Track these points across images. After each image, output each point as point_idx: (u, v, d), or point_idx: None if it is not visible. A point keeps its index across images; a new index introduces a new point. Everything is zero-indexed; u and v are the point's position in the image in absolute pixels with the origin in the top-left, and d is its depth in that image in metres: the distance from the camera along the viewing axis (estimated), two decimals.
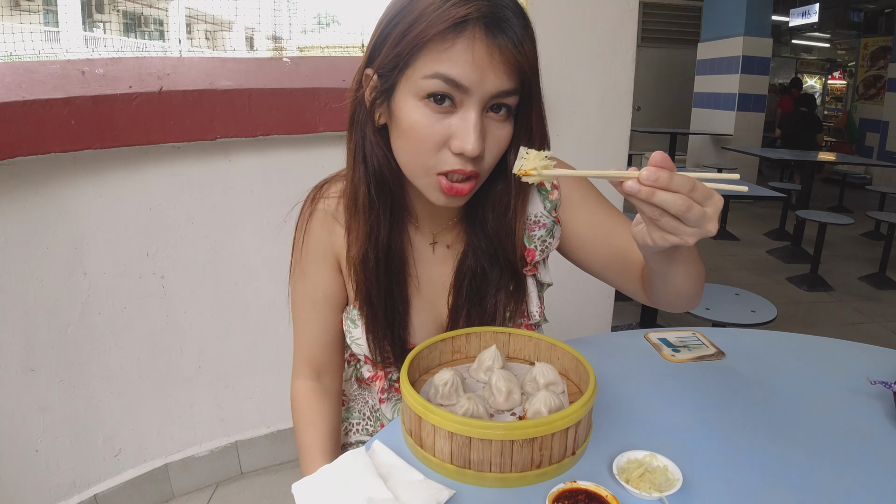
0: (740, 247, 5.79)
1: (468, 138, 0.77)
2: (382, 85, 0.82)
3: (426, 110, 0.78)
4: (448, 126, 0.79)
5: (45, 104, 1.53)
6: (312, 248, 1.00)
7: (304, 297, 1.02)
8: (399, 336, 0.99)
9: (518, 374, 0.91)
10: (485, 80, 0.76)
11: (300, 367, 1.07)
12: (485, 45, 0.75)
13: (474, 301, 1.00)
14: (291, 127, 1.86)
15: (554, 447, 0.73)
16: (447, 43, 0.75)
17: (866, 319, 4.04)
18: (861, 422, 0.90)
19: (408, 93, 0.79)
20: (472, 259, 0.98)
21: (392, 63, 0.79)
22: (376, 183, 0.89)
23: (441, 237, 1.02)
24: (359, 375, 1.15)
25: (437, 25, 0.74)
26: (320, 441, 1.02)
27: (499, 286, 1.00)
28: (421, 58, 0.76)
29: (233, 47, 2.67)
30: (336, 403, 1.09)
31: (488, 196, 0.94)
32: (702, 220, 0.65)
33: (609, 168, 0.68)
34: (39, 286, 1.69)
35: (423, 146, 0.80)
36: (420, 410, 0.74)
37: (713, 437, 0.84)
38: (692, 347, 1.14)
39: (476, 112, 0.78)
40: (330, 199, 0.99)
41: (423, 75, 0.77)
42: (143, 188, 1.79)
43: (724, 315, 2.42)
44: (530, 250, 1.02)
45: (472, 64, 0.75)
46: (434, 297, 1.02)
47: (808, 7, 10.13)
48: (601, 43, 2.12)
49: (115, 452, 1.95)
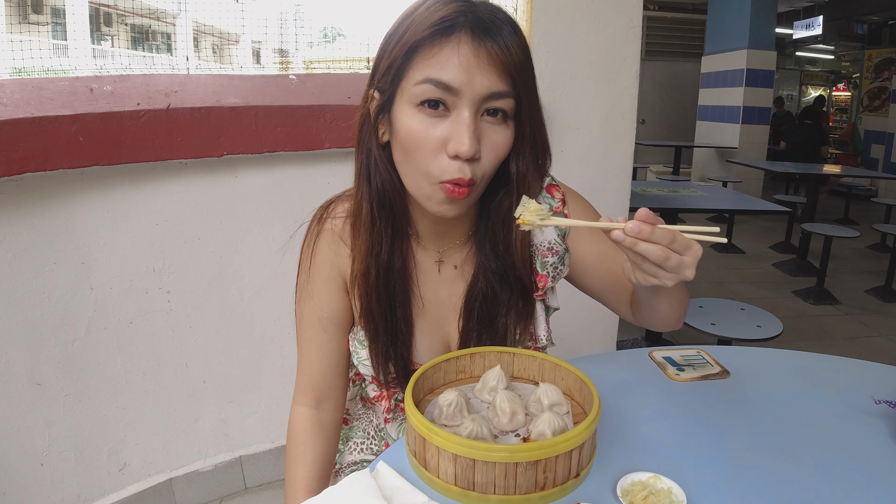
0: (746, 260, 5.78)
1: (462, 139, 0.78)
2: (382, 99, 0.85)
3: (421, 116, 0.80)
4: (443, 130, 0.80)
5: (54, 121, 1.55)
6: (319, 267, 1.00)
7: (310, 317, 1.02)
8: (403, 356, 0.99)
9: (522, 394, 0.91)
10: (473, 80, 0.78)
11: (302, 392, 1.06)
12: (470, 47, 0.78)
13: (485, 322, 1.00)
14: (297, 143, 1.87)
15: (558, 469, 0.73)
16: (434, 49, 0.78)
17: (873, 333, 4.02)
18: (866, 442, 0.90)
19: (404, 102, 0.82)
20: (482, 281, 0.98)
21: (388, 76, 0.83)
22: (378, 200, 0.91)
23: (448, 256, 1.02)
24: (364, 395, 1.16)
25: (423, 32, 0.78)
26: (307, 480, 1.02)
27: (509, 306, 1.00)
28: (412, 67, 0.80)
29: (240, 63, 2.69)
30: (332, 438, 1.08)
31: (497, 211, 0.95)
32: (680, 267, 0.73)
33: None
34: (46, 301, 1.70)
35: (421, 152, 0.82)
36: (424, 432, 0.74)
37: (717, 458, 0.84)
38: (697, 366, 1.14)
39: (468, 113, 0.79)
40: (337, 218, 1.00)
41: (414, 82, 0.80)
42: (150, 204, 1.80)
43: (729, 330, 2.41)
44: (542, 276, 1.02)
45: (460, 66, 0.77)
46: (441, 319, 1.02)
47: (811, 19, 10.16)
48: (605, 60, 2.13)
49: (119, 467, 1.95)
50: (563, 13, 2.04)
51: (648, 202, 3.34)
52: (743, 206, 3.44)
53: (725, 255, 5.90)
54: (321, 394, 1.06)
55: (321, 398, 1.06)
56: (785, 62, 12.68)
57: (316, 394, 1.05)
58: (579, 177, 2.21)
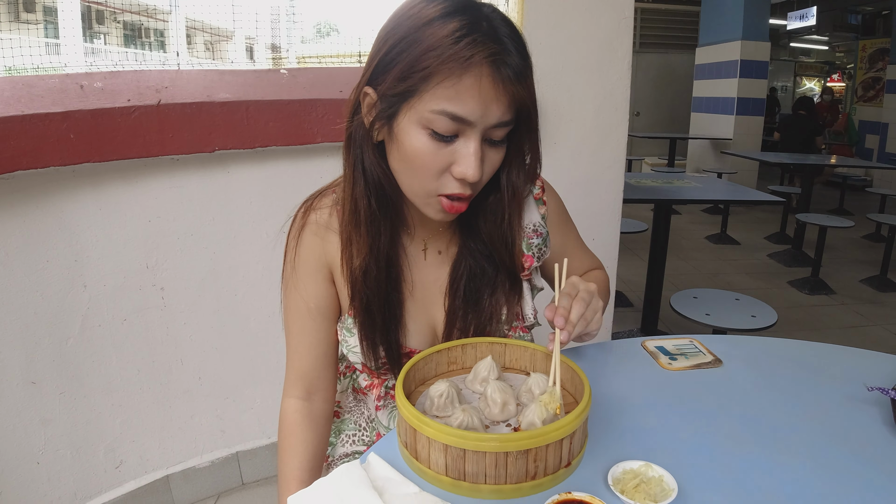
0: (741, 251, 5.79)
1: (470, 166, 0.81)
2: (385, 109, 0.83)
3: (428, 140, 0.81)
4: (450, 153, 0.82)
5: (44, 118, 1.54)
6: (305, 259, 1.00)
7: (297, 309, 1.03)
8: (395, 341, 1.00)
9: (514, 384, 0.91)
10: (487, 113, 0.79)
11: (292, 384, 1.06)
12: (491, 82, 0.78)
13: (471, 302, 1.01)
14: (290, 138, 1.87)
15: (549, 459, 0.73)
16: (454, 79, 0.77)
17: (868, 322, 4.04)
18: (859, 429, 0.90)
19: (412, 121, 0.81)
20: (469, 259, 1.01)
21: (397, 90, 0.80)
22: (377, 196, 0.92)
23: (431, 243, 1.04)
24: (356, 385, 1.16)
25: (447, 64, 0.76)
26: (299, 471, 1.03)
27: (495, 285, 1.02)
28: (428, 92, 0.78)
29: (231, 59, 2.68)
30: (323, 429, 1.09)
31: (480, 207, 0.98)
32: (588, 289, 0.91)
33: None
34: (40, 299, 1.69)
35: (426, 172, 0.83)
36: (415, 423, 0.74)
37: (709, 446, 0.85)
38: (689, 355, 1.14)
39: (477, 142, 0.81)
40: (322, 210, 1.01)
41: (429, 109, 0.79)
42: (142, 201, 1.80)
43: (724, 320, 2.42)
44: (528, 256, 1.06)
45: (479, 99, 0.78)
46: (428, 301, 1.04)
47: (805, 10, 10.16)
48: (597, 51, 2.13)
49: (116, 464, 1.95)
50: (555, 5, 2.03)
51: (643, 194, 3.34)
52: (738, 196, 3.44)
53: (720, 246, 5.92)
54: (311, 385, 1.06)
55: (311, 389, 1.06)
56: (779, 53, 12.68)
57: (306, 385, 1.06)
58: (572, 169, 2.21)
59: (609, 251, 2.38)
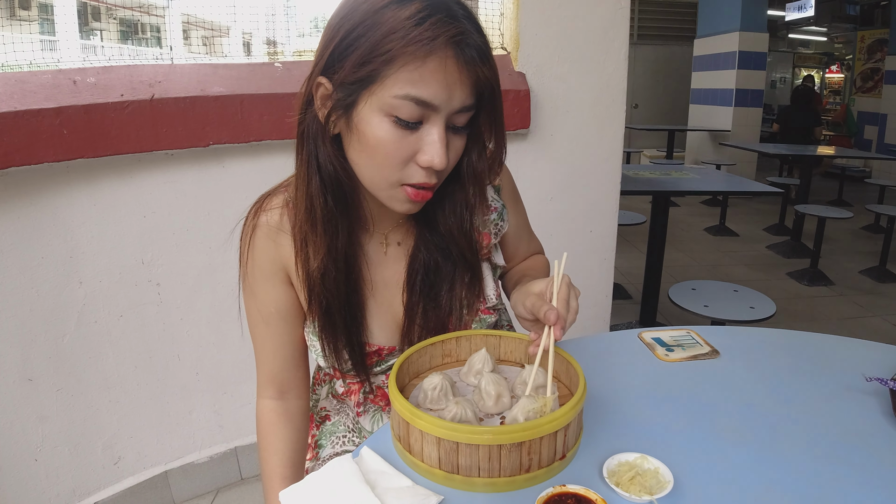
0: (740, 242, 5.78)
1: (436, 153, 0.79)
2: (342, 98, 0.80)
3: (392, 127, 0.78)
4: (415, 141, 0.80)
5: (37, 114, 1.53)
6: (259, 264, 0.97)
7: (257, 315, 1.00)
8: (358, 342, 0.98)
9: (508, 377, 0.90)
10: (452, 97, 0.78)
11: (264, 386, 1.05)
12: (455, 63, 0.76)
13: (429, 297, 0.99)
14: (284, 131, 1.86)
15: (543, 451, 0.73)
16: (418, 62, 0.74)
17: (867, 313, 4.03)
18: (857, 420, 0.89)
19: (373, 108, 0.78)
20: (424, 253, 0.99)
21: (355, 78, 0.77)
22: (333, 192, 0.88)
23: (391, 236, 1.02)
24: (333, 392, 1.15)
25: (409, 47, 0.73)
26: (281, 468, 1.02)
27: (453, 280, 1.00)
28: (390, 77, 0.75)
29: (228, 53, 2.67)
30: (300, 425, 1.08)
31: (438, 196, 0.94)
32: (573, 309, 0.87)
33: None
34: (35, 296, 1.69)
35: (390, 162, 0.81)
36: (407, 416, 0.74)
37: (705, 437, 0.84)
38: (686, 346, 1.14)
39: (442, 128, 0.79)
40: (272, 210, 0.96)
41: (392, 94, 0.76)
42: (136, 196, 1.79)
43: (722, 312, 2.41)
44: (485, 234, 1.04)
45: (444, 82, 0.76)
46: (389, 297, 1.01)
47: (803, 1, 10.12)
48: (594, 42, 2.12)
49: (114, 460, 1.95)
50: None
51: (642, 186, 3.33)
52: (736, 187, 3.43)
53: (719, 237, 5.91)
54: (283, 385, 1.05)
55: (283, 389, 1.05)
56: (778, 44, 12.65)
57: (277, 386, 1.05)
58: (569, 160, 2.20)
59: (607, 243, 2.37)
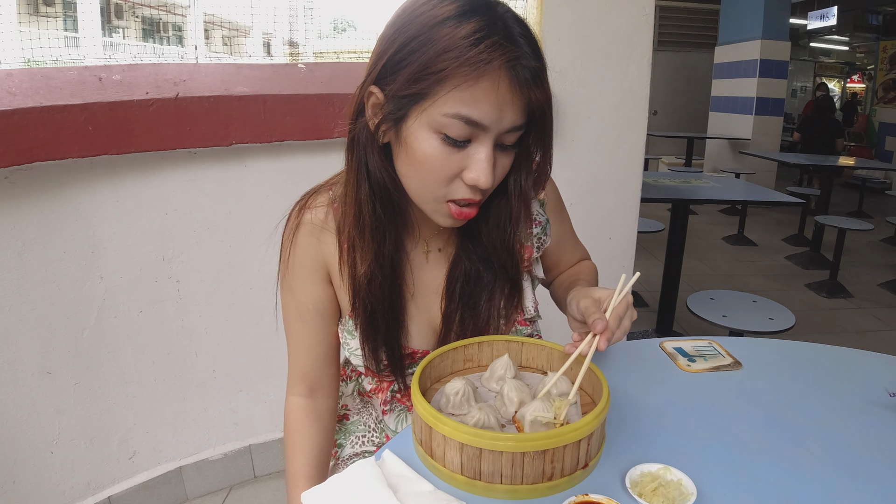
0: (758, 252, 5.73)
1: (483, 172, 0.79)
2: (393, 111, 0.79)
3: (440, 144, 0.78)
4: (462, 159, 0.79)
5: (63, 110, 1.54)
6: (300, 260, 0.98)
7: (294, 311, 1.01)
8: (397, 344, 0.99)
9: (530, 383, 0.90)
10: (503, 118, 0.77)
11: (294, 383, 1.06)
12: (508, 85, 0.75)
13: (467, 305, 0.99)
14: (306, 132, 1.86)
15: (566, 460, 0.72)
16: (471, 82, 0.73)
17: (886, 327, 3.98)
18: (880, 435, 0.88)
19: (423, 124, 0.78)
20: (465, 261, 0.99)
21: (408, 92, 0.77)
22: (382, 200, 0.88)
23: (433, 242, 1.02)
24: (361, 389, 1.15)
25: (462, 67, 0.73)
26: (306, 467, 1.02)
27: (493, 290, 0.99)
28: (441, 95, 0.75)
29: (249, 53, 2.68)
30: (328, 425, 1.08)
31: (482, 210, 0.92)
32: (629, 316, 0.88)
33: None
34: (56, 290, 1.70)
35: (436, 178, 0.81)
36: (430, 420, 0.73)
37: (728, 450, 0.83)
38: (708, 357, 1.13)
39: (490, 147, 0.79)
40: (317, 208, 0.97)
41: (442, 113, 0.75)
42: (159, 193, 1.80)
43: (741, 322, 2.39)
44: (528, 247, 1.04)
45: (495, 103, 0.75)
46: (428, 302, 1.02)
47: (826, 10, 10.04)
48: (617, 48, 2.11)
49: (129, 455, 1.96)
50: (575, 0, 2.02)
51: (660, 193, 3.31)
52: (756, 197, 3.40)
53: (738, 247, 5.87)
54: (313, 383, 1.06)
55: (314, 387, 1.06)
56: (799, 53, 12.55)
57: (308, 384, 1.05)
58: (590, 167, 2.19)
59: (626, 250, 2.36)
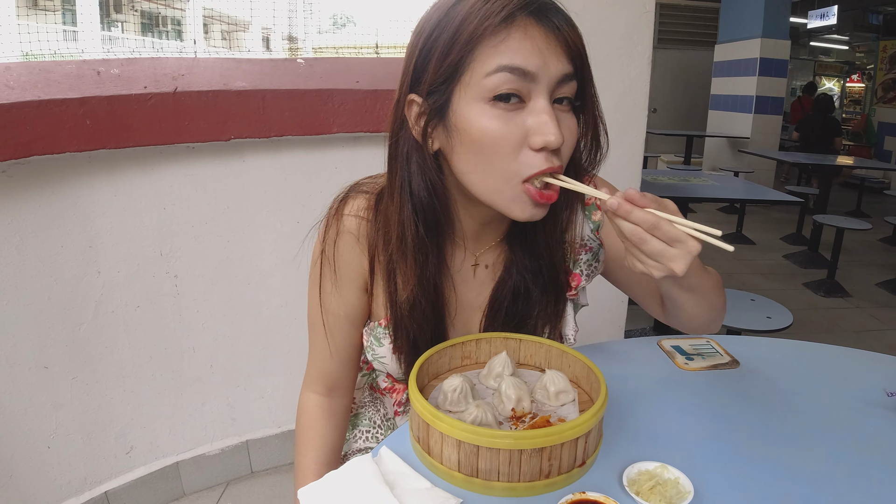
0: (757, 251, 5.74)
1: (548, 128, 0.73)
2: (434, 104, 0.78)
3: (495, 111, 0.74)
4: (522, 123, 0.75)
5: (61, 104, 1.54)
6: (341, 266, 0.94)
7: (326, 313, 0.99)
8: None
9: (528, 381, 0.90)
10: (548, 63, 0.74)
11: (313, 380, 1.05)
12: (539, 30, 0.73)
13: (509, 325, 0.97)
14: (305, 128, 1.86)
15: (563, 457, 0.72)
16: (501, 35, 0.72)
17: (884, 326, 3.99)
18: (878, 434, 0.88)
19: (470, 99, 0.75)
20: (515, 278, 0.94)
21: (444, 75, 0.75)
22: (425, 219, 0.85)
23: (483, 258, 0.98)
24: (374, 385, 1.15)
25: (487, 21, 0.72)
26: (316, 464, 1.02)
27: (540, 306, 0.97)
28: (476, 59, 0.73)
29: (248, 48, 2.68)
30: (341, 423, 1.08)
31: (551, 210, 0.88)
32: (661, 256, 0.71)
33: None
34: (54, 284, 1.70)
35: (502, 150, 0.76)
36: (428, 417, 0.73)
37: (726, 448, 0.83)
38: (706, 356, 1.13)
39: (547, 101, 0.75)
40: (355, 217, 0.93)
41: (484, 73, 0.73)
42: (157, 188, 1.80)
43: (739, 321, 2.39)
44: (576, 275, 0.99)
45: (534, 48, 0.73)
46: (466, 319, 1.00)
47: (826, 9, 10.04)
48: (617, 46, 2.11)
49: (126, 450, 1.96)
50: None
51: (659, 191, 3.31)
52: (754, 195, 3.41)
53: (736, 245, 5.86)
54: (333, 384, 1.05)
55: (332, 387, 1.05)
56: (799, 52, 12.55)
57: (327, 384, 1.05)
58: None
59: None
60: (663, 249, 0.71)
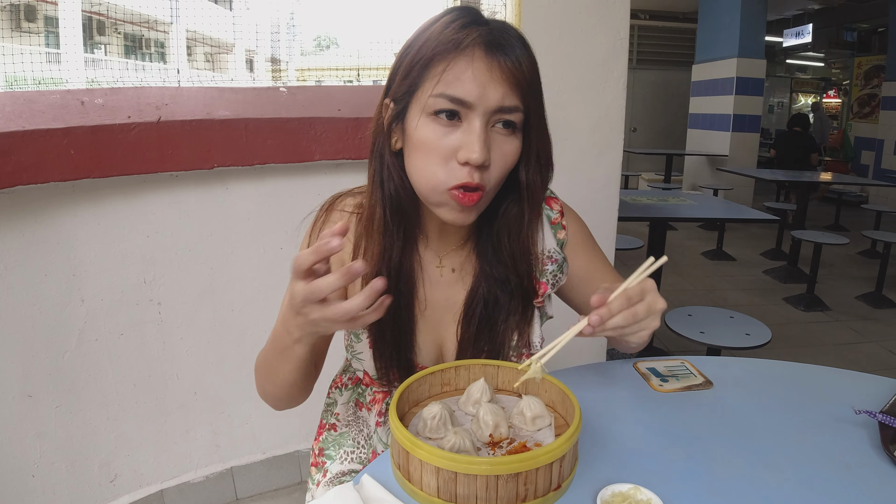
0: (736, 267, 5.81)
1: (472, 147, 0.83)
2: (396, 109, 0.89)
3: (434, 125, 0.85)
4: (455, 139, 0.85)
5: (45, 134, 1.56)
6: None
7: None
8: (406, 357, 1.02)
9: (506, 406, 0.92)
10: (486, 94, 0.83)
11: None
12: (483, 63, 0.83)
13: (484, 329, 1.02)
14: (288, 155, 1.89)
15: (539, 481, 0.74)
16: (448, 62, 0.83)
17: (863, 339, 4.04)
18: (847, 452, 0.91)
19: (418, 112, 0.86)
20: (484, 287, 1.02)
21: (405, 88, 0.87)
22: (391, 205, 0.95)
23: (447, 259, 1.05)
24: (360, 400, 1.17)
25: (438, 47, 0.83)
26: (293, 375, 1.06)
27: (509, 311, 1.03)
28: (427, 79, 0.84)
29: (232, 70, 2.70)
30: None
31: (504, 218, 1.00)
32: (650, 310, 0.84)
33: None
34: (37, 312, 1.70)
35: (433, 159, 0.86)
36: (407, 445, 0.75)
37: (698, 469, 0.86)
38: (680, 377, 1.15)
39: (479, 124, 0.84)
40: (344, 211, 1.03)
41: (429, 94, 0.84)
42: (140, 216, 1.81)
43: (718, 339, 2.43)
44: (542, 283, 1.07)
45: (473, 80, 0.82)
46: (437, 320, 1.05)
47: (801, 27, 10.24)
48: (593, 72, 2.15)
49: (110, 478, 1.95)
50: (551, 25, 2.06)
51: (639, 211, 3.36)
52: (733, 214, 3.47)
53: (716, 262, 5.94)
54: None
55: None
56: (775, 70, 12.75)
57: None
58: (567, 187, 2.21)
59: None
60: (647, 305, 0.84)
